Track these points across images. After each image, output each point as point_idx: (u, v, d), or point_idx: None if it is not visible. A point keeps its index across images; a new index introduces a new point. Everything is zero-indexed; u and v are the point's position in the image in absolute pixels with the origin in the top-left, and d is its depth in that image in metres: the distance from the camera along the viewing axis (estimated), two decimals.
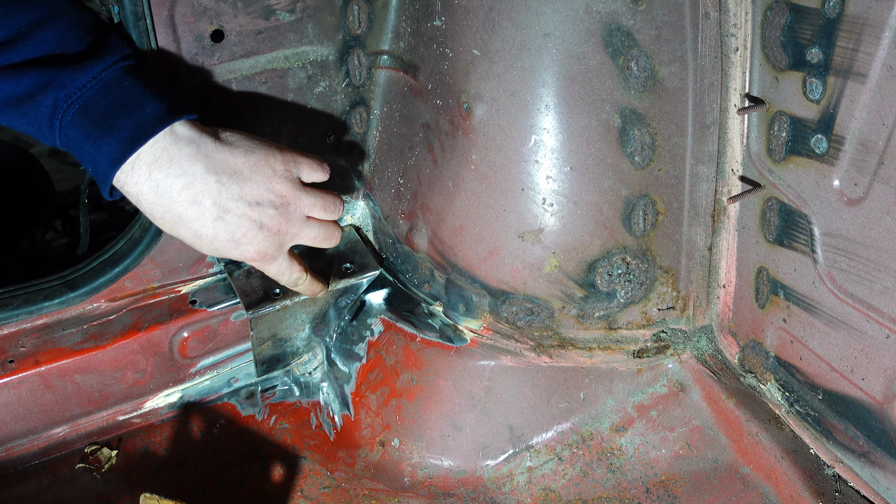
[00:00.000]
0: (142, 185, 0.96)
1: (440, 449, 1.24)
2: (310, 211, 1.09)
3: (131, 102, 0.94)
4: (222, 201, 1.00)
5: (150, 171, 0.95)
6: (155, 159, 0.95)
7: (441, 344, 1.24)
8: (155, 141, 0.94)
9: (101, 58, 0.95)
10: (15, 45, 0.92)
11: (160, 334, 1.27)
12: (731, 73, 1.06)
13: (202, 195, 0.98)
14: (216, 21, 1.08)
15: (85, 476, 1.23)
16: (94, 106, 0.93)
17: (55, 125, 0.94)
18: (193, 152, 0.97)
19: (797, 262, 1.03)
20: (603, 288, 1.15)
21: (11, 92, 0.92)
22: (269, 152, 1.04)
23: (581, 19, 1.02)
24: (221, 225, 1.01)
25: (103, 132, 0.93)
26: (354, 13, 1.19)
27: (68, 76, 0.93)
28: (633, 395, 1.23)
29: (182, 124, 0.97)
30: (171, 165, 0.96)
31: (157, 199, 0.97)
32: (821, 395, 1.04)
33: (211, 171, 0.98)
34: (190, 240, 1.02)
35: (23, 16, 0.93)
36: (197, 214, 0.99)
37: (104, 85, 0.94)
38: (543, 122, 1.07)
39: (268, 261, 1.08)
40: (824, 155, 0.95)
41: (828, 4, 0.89)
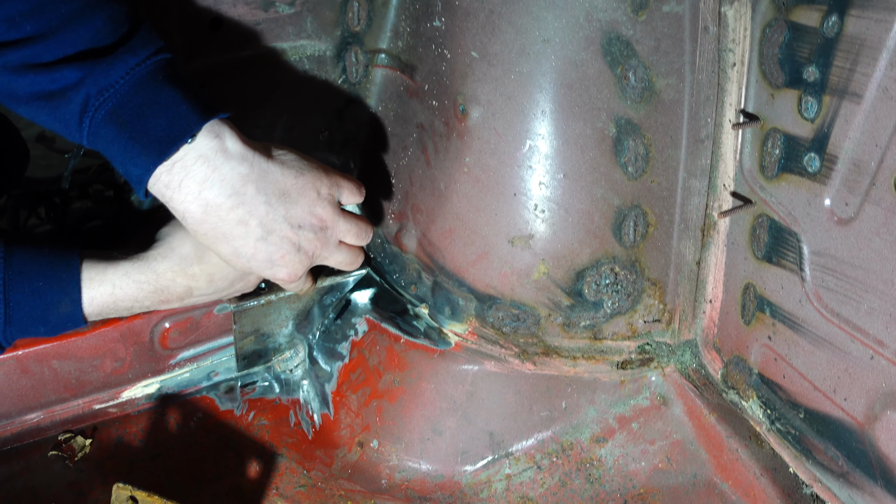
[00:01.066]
0: (189, 204, 0.93)
1: (419, 452, 1.23)
2: (344, 236, 1.08)
3: (165, 100, 0.91)
4: (268, 222, 0.98)
5: (201, 189, 0.93)
6: (206, 178, 0.92)
7: (425, 346, 1.23)
8: (203, 157, 0.92)
9: (135, 52, 0.91)
10: (47, 39, 0.89)
11: (141, 323, 1.25)
12: (728, 88, 1.06)
13: (249, 215, 0.96)
14: (215, 9, 1.08)
15: (57, 464, 1.21)
16: (127, 103, 0.90)
17: (84, 123, 0.91)
18: (246, 172, 0.95)
19: (785, 279, 1.03)
20: (590, 297, 1.15)
21: (44, 87, 0.90)
22: (317, 175, 1.03)
23: (581, 27, 1.02)
24: (263, 245, 0.99)
25: (136, 132, 0.90)
26: (354, 10, 1.18)
27: (101, 73, 0.89)
28: (614, 407, 1.23)
29: (232, 139, 0.94)
30: (222, 185, 0.93)
31: (205, 217, 0.95)
32: (802, 413, 1.04)
33: (261, 192, 0.96)
34: (227, 256, 1.00)
35: (56, 8, 0.89)
36: (241, 233, 0.97)
37: (137, 81, 0.91)
38: (539, 128, 1.07)
39: (293, 281, 1.07)
40: (817, 174, 0.95)
41: (827, 24, 0.90)
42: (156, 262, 1.02)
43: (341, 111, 1.27)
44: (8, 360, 1.17)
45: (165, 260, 1.02)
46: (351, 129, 1.29)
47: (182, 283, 1.03)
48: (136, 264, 1.01)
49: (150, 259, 1.02)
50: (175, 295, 1.04)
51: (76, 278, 0.96)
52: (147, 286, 1.01)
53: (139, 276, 1.00)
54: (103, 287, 0.98)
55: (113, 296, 0.99)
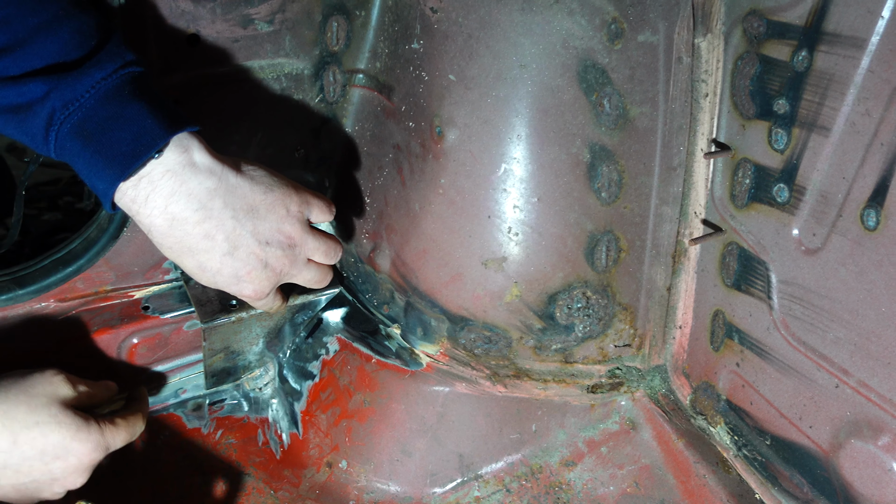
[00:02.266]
0: (156, 218, 0.92)
1: (388, 473, 1.22)
2: (312, 254, 1.07)
3: (130, 114, 0.89)
4: (235, 237, 0.97)
5: (167, 203, 0.91)
6: (172, 192, 0.91)
7: (396, 367, 1.23)
8: (171, 172, 0.91)
9: (102, 66, 0.90)
10: (13, 52, 0.88)
11: (109, 339, 1.24)
12: (700, 117, 1.08)
13: (216, 230, 0.95)
14: (193, 25, 1.07)
15: None
16: (92, 117, 0.89)
17: (50, 137, 0.89)
18: (214, 186, 0.94)
19: (753, 307, 1.05)
20: (562, 321, 1.16)
21: (11, 101, 0.88)
22: (287, 192, 1.02)
23: (558, 53, 1.04)
24: (229, 260, 0.98)
25: (100, 146, 0.89)
26: (333, 30, 1.19)
27: (67, 86, 0.88)
28: (584, 430, 1.23)
29: (200, 152, 0.93)
30: (189, 199, 0.92)
31: (171, 230, 0.93)
32: (769, 440, 1.06)
33: (228, 206, 0.95)
34: (192, 270, 0.98)
35: (24, 20, 0.88)
36: (207, 247, 0.96)
37: (103, 95, 0.89)
38: (514, 152, 1.08)
39: (260, 298, 1.06)
40: (785, 204, 0.97)
41: (797, 58, 0.92)
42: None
43: (318, 129, 1.27)
44: None
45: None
46: (327, 147, 1.29)
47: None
48: None
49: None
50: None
51: None
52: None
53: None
54: None
55: None
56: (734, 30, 1.00)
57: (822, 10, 0.88)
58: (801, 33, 0.91)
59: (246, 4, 1.10)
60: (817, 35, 0.89)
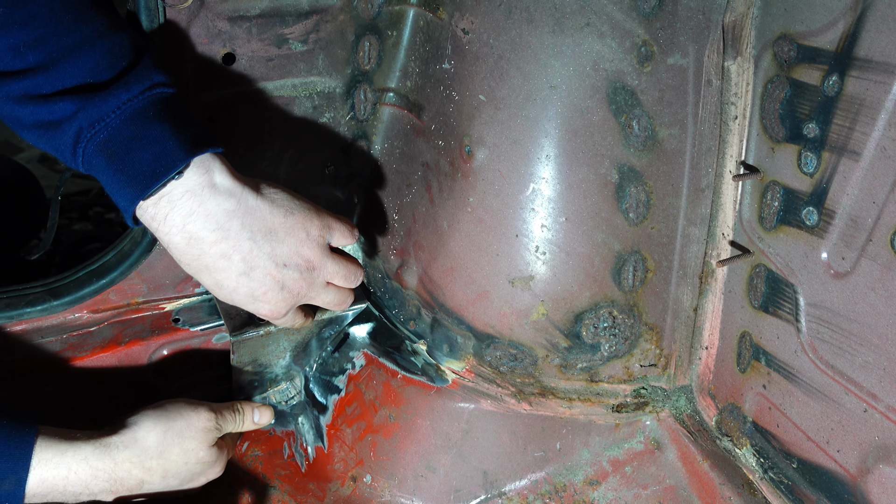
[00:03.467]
0: (174, 236, 0.94)
1: (412, 489, 1.23)
2: (332, 278, 1.08)
3: (153, 135, 0.92)
4: (251, 258, 0.98)
5: (185, 223, 0.94)
6: (191, 212, 0.93)
7: (422, 383, 1.24)
8: (191, 192, 0.93)
9: (129, 87, 0.93)
10: (47, 71, 0.91)
11: (140, 350, 1.26)
12: (729, 140, 1.09)
13: (233, 250, 0.97)
14: (229, 44, 1.10)
15: None
16: (117, 137, 0.92)
17: (78, 153, 0.93)
18: (232, 208, 0.96)
19: (781, 329, 1.04)
20: (588, 340, 1.16)
21: (43, 118, 0.92)
22: (308, 216, 1.03)
23: (588, 75, 1.05)
24: (245, 280, 0.99)
25: (123, 165, 0.92)
26: (365, 49, 1.21)
27: (94, 106, 0.91)
28: (609, 450, 1.23)
29: (222, 173, 0.95)
30: (206, 219, 0.94)
31: (188, 248, 0.96)
32: (795, 463, 1.05)
33: (246, 228, 0.97)
34: (209, 286, 1.00)
35: (59, 40, 0.91)
36: (223, 266, 0.98)
37: (128, 116, 0.92)
38: (543, 172, 1.09)
39: (277, 318, 1.07)
40: (814, 227, 0.97)
41: (827, 83, 0.92)
42: (117, 450, 1.02)
43: (348, 147, 1.28)
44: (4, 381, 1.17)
45: (126, 450, 1.03)
46: (356, 164, 1.31)
47: (137, 475, 1.04)
48: (96, 450, 1.01)
49: (110, 446, 1.02)
50: (126, 487, 1.04)
51: (27, 458, 0.96)
52: (102, 474, 1.01)
53: (97, 463, 1.00)
54: (58, 470, 0.98)
55: (66, 479, 0.99)
56: (764, 53, 1.01)
57: (854, 36, 0.88)
58: (833, 58, 0.91)
59: (281, 24, 1.12)
60: (848, 60, 0.89)
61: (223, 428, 1.14)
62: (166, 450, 1.05)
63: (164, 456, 1.05)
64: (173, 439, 1.06)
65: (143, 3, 1.02)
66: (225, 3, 1.06)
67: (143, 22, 1.02)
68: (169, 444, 1.05)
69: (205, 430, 1.10)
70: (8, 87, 0.92)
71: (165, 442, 1.05)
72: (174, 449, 1.06)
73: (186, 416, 1.08)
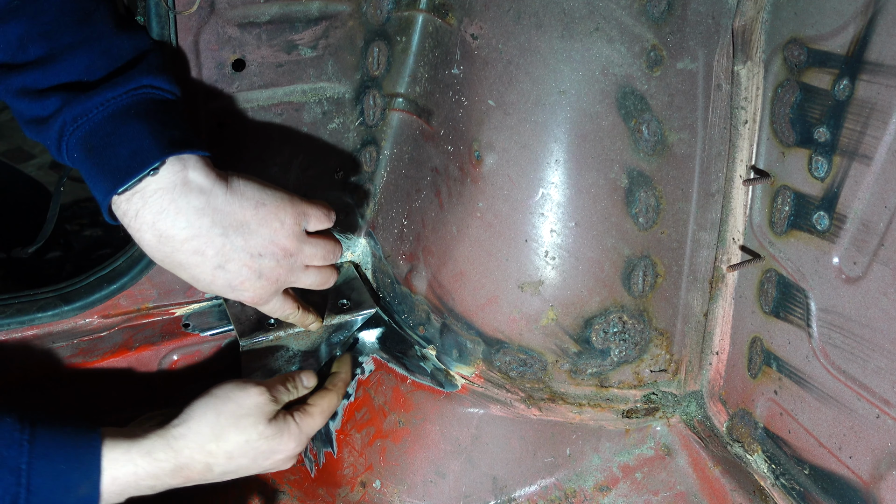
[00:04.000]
0: (144, 233, 0.97)
1: (421, 494, 1.23)
2: (310, 261, 1.11)
3: (131, 133, 0.95)
4: (225, 252, 1.01)
5: (155, 220, 0.96)
6: (161, 209, 0.95)
7: (431, 388, 1.24)
8: (163, 189, 0.95)
9: (115, 86, 0.96)
10: (44, 66, 0.94)
11: (150, 355, 1.26)
12: (739, 144, 1.08)
13: (206, 246, 0.99)
14: (239, 51, 1.10)
15: None
16: (97, 132, 0.95)
17: (63, 147, 0.96)
18: (202, 205, 0.97)
19: (792, 335, 1.04)
20: (598, 345, 1.16)
21: (36, 113, 0.96)
22: (280, 205, 1.05)
23: (597, 80, 1.05)
24: (220, 273, 1.02)
25: (100, 160, 0.94)
26: (374, 55, 1.21)
27: (79, 103, 0.94)
28: (619, 455, 1.23)
29: (196, 170, 0.97)
30: (176, 216, 0.96)
31: (160, 245, 0.98)
32: (807, 469, 1.04)
33: (217, 224, 0.99)
34: (187, 279, 1.03)
35: (61, 37, 0.95)
36: (197, 262, 1.00)
37: (110, 113, 0.95)
38: (552, 177, 1.09)
39: (262, 303, 1.10)
40: (825, 232, 0.97)
41: (838, 87, 0.92)
42: (174, 439, 1.04)
43: (357, 152, 1.29)
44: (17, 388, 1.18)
45: (183, 438, 1.04)
46: (366, 170, 1.31)
47: (201, 460, 1.05)
48: (156, 443, 1.03)
49: (168, 437, 1.04)
50: (195, 472, 1.06)
51: (97, 461, 0.98)
52: (167, 465, 1.03)
53: (160, 455, 1.02)
54: (127, 467, 1.00)
55: (135, 475, 1.01)
56: (774, 57, 1.01)
57: (864, 40, 0.88)
58: (843, 62, 0.91)
59: (290, 30, 1.12)
60: (859, 64, 0.89)
61: (279, 399, 1.12)
62: (223, 433, 1.06)
63: (223, 438, 1.05)
64: (227, 421, 1.06)
65: (153, 10, 1.02)
66: (235, 9, 1.07)
67: (154, 28, 1.03)
68: (224, 426, 1.06)
69: (256, 406, 1.08)
70: (9, 81, 0.96)
71: (220, 425, 1.05)
72: (230, 430, 1.06)
73: (235, 398, 1.08)
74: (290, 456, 1.13)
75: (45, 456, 0.95)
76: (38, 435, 0.96)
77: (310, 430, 1.14)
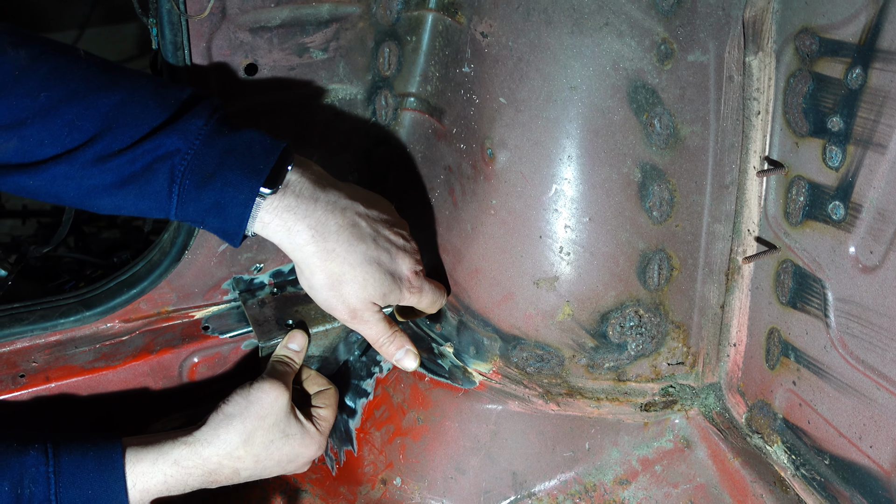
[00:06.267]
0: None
1: (442, 491, 1.24)
2: None
3: (246, 138, 0.97)
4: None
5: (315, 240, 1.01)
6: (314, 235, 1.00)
7: (449, 385, 1.24)
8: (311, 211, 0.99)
9: (199, 114, 0.96)
10: (111, 132, 0.93)
11: (171, 358, 1.28)
12: (752, 135, 1.08)
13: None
14: (251, 55, 1.11)
15: None
16: (206, 160, 0.95)
17: (174, 191, 0.95)
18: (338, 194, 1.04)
19: (809, 325, 1.04)
20: (614, 339, 1.16)
21: (128, 171, 0.94)
22: None
23: (608, 75, 1.05)
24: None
25: (240, 161, 0.95)
26: (385, 55, 1.22)
27: (176, 140, 0.94)
28: (638, 449, 1.23)
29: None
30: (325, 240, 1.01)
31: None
32: (828, 460, 1.04)
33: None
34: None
35: (102, 103, 0.93)
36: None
37: (208, 138, 0.95)
38: (565, 173, 1.09)
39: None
40: (841, 221, 0.96)
41: (851, 76, 0.92)
42: (201, 446, 1.06)
43: (370, 152, 1.29)
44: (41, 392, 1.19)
45: (211, 445, 1.07)
46: (379, 170, 1.32)
47: (228, 465, 1.08)
48: (183, 451, 1.05)
49: (195, 444, 1.06)
50: (223, 476, 1.09)
51: (122, 482, 1.01)
52: (196, 471, 1.06)
53: (187, 462, 1.05)
54: (156, 478, 1.03)
55: (165, 483, 1.04)
56: (786, 48, 1.00)
57: (877, 28, 0.87)
58: (855, 51, 0.90)
59: (301, 34, 1.13)
60: (872, 52, 0.88)
61: (287, 383, 1.14)
62: (250, 436, 1.08)
63: (250, 442, 1.08)
64: (252, 424, 1.08)
65: (165, 17, 1.03)
66: (246, 14, 1.08)
67: (167, 35, 1.04)
68: (249, 430, 1.08)
69: (276, 400, 1.10)
70: (81, 157, 0.93)
71: (245, 430, 1.08)
72: (257, 433, 1.08)
73: (256, 399, 1.09)
74: (309, 460, 1.15)
75: (73, 485, 0.98)
76: (63, 465, 0.99)
77: (326, 428, 1.17)
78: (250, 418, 1.08)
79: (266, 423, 1.09)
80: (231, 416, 1.08)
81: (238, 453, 1.07)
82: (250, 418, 1.08)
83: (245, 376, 1.34)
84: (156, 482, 1.03)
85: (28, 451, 0.98)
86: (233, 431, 1.07)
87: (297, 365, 1.20)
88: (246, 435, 1.08)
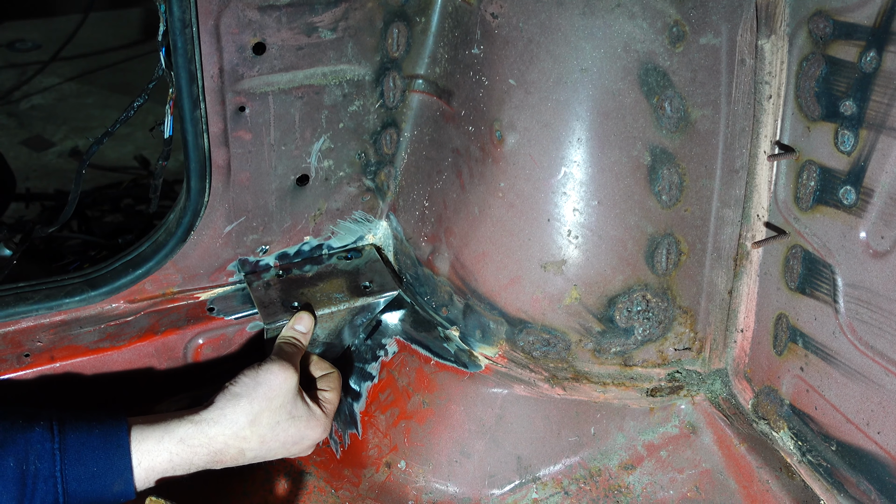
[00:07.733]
0: None
1: (446, 474, 1.24)
2: None
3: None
4: None
5: None
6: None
7: (455, 368, 1.24)
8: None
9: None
10: None
11: (176, 339, 1.27)
12: (763, 119, 1.07)
13: None
14: (259, 34, 1.10)
15: None
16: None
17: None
18: None
19: (818, 311, 1.03)
20: (621, 324, 1.15)
21: None
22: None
23: (619, 57, 1.04)
24: None
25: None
26: (394, 36, 1.21)
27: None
28: (643, 434, 1.23)
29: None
30: None
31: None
32: (834, 446, 1.04)
33: None
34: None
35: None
36: None
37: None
38: (574, 155, 1.09)
39: None
40: (852, 206, 0.96)
41: (865, 59, 0.91)
42: (207, 425, 1.07)
43: (378, 134, 1.29)
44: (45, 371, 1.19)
45: (217, 425, 1.07)
46: (387, 152, 1.31)
47: (234, 445, 1.08)
48: (189, 429, 1.06)
49: (201, 423, 1.07)
50: (228, 457, 1.09)
51: (128, 460, 1.02)
52: (201, 450, 1.06)
53: (193, 441, 1.05)
54: (161, 456, 1.03)
55: (170, 462, 1.04)
56: (799, 31, 0.99)
57: (892, 10, 0.87)
58: (870, 34, 0.90)
59: (310, 13, 1.12)
60: (887, 35, 0.88)
61: (294, 364, 1.14)
62: (257, 417, 1.08)
63: (257, 423, 1.08)
64: (259, 405, 1.08)
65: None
66: None
67: (175, 11, 1.03)
68: (256, 411, 1.08)
69: (284, 381, 1.11)
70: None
71: (252, 410, 1.08)
72: (263, 414, 1.08)
73: (263, 380, 1.10)
74: (314, 442, 1.16)
75: (78, 462, 0.99)
76: (68, 442, 0.99)
77: (331, 411, 1.18)
78: (258, 399, 1.08)
79: (273, 404, 1.09)
80: (238, 396, 1.08)
81: (244, 433, 1.07)
82: (258, 399, 1.08)
83: (250, 358, 1.34)
84: (161, 460, 1.03)
85: (34, 427, 0.98)
86: (239, 411, 1.07)
87: (304, 347, 1.20)
88: (253, 415, 1.08)
